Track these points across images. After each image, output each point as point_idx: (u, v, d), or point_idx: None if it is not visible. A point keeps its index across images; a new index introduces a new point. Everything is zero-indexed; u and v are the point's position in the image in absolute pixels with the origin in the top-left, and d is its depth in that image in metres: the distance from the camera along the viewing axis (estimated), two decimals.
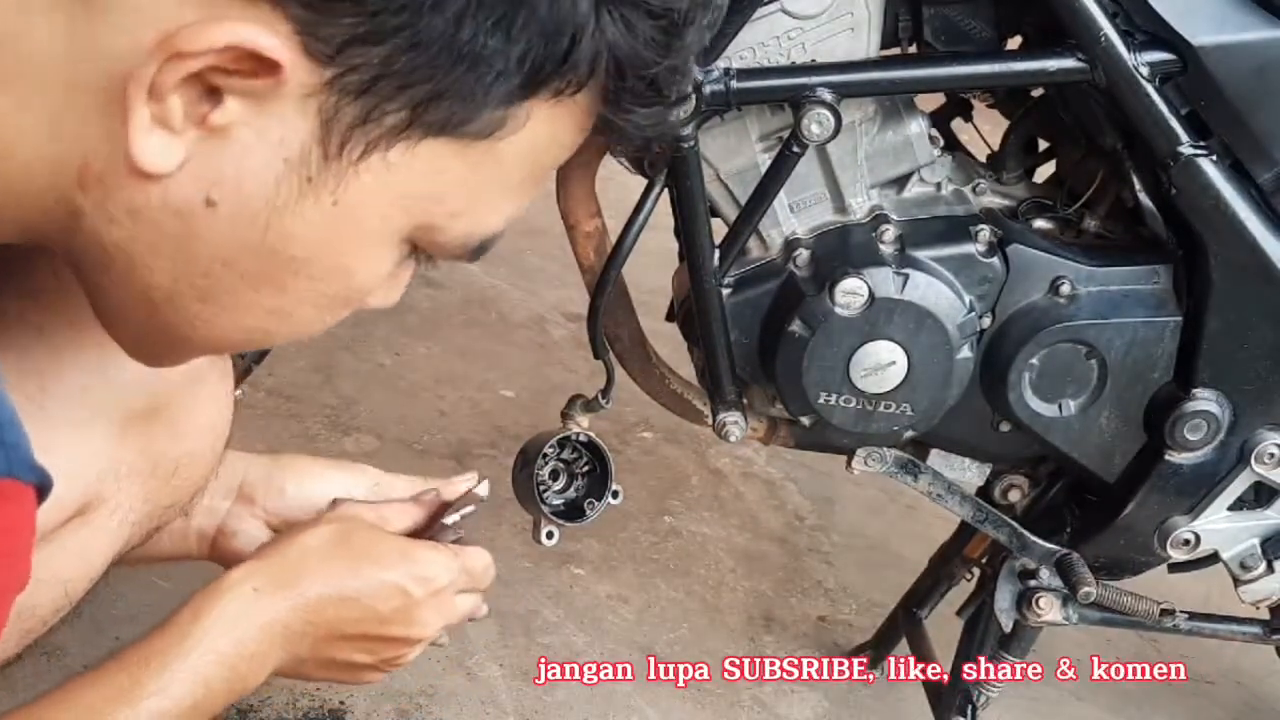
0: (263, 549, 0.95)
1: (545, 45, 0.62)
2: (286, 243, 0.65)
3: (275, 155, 0.62)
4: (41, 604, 0.86)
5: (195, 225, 0.63)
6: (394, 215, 0.66)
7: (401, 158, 0.64)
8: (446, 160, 0.65)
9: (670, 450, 2.17)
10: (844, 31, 1.23)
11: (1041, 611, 1.42)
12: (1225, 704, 1.88)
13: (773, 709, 1.70)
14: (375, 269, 0.69)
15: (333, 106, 0.61)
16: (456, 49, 0.60)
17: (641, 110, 0.67)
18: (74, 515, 0.85)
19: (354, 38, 0.59)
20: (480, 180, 0.67)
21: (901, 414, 1.31)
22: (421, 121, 0.62)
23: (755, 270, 1.31)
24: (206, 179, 0.62)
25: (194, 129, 0.60)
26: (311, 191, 0.63)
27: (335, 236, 0.65)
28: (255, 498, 1.06)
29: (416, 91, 0.61)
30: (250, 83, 0.59)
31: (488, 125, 0.64)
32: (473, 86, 0.62)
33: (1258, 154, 1.24)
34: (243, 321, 0.69)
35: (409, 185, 0.65)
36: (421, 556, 0.98)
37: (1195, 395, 1.31)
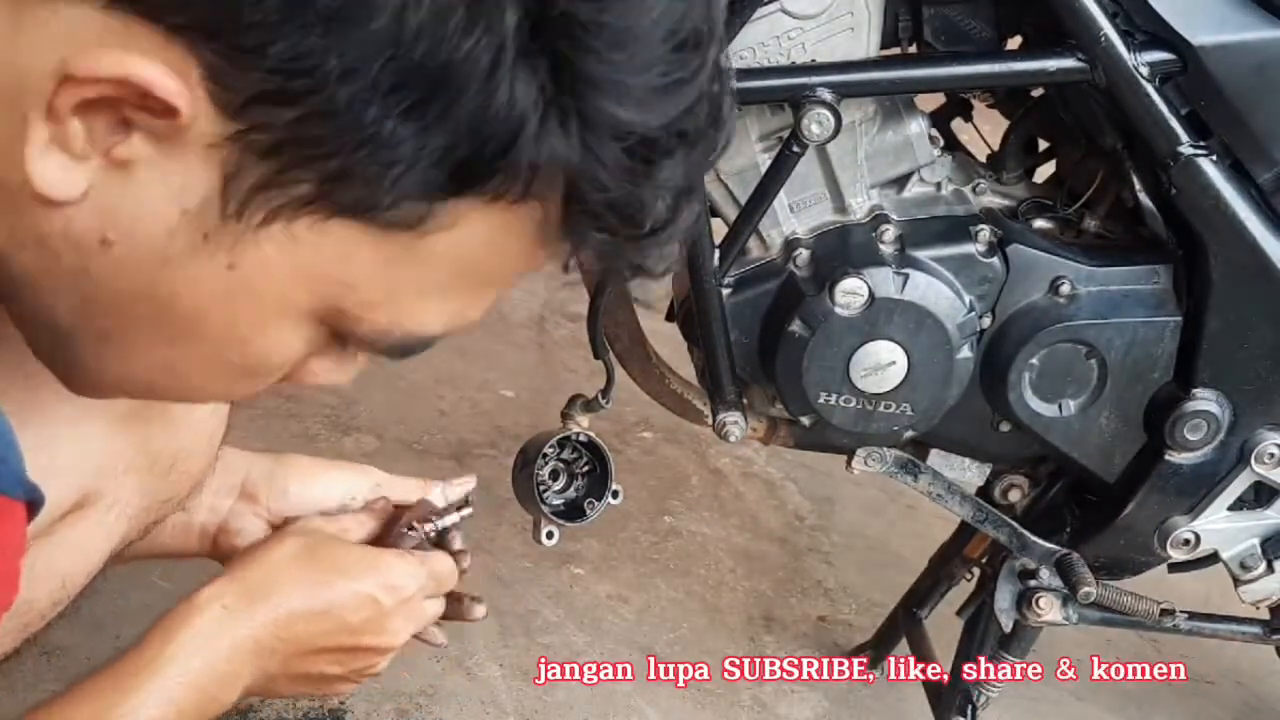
0: (231, 564, 0.94)
1: (470, 143, 0.56)
2: (176, 299, 0.61)
3: (174, 203, 0.58)
4: (39, 598, 0.86)
5: (91, 263, 0.60)
6: (297, 292, 0.61)
7: (308, 233, 0.59)
8: (359, 245, 0.60)
9: (670, 450, 2.17)
10: (844, 31, 1.23)
11: (1041, 611, 1.42)
12: (1225, 704, 1.87)
13: (773, 709, 1.70)
14: (278, 346, 0.64)
15: (236, 163, 0.57)
16: (362, 128, 0.55)
17: (603, 237, 0.61)
18: (71, 510, 0.85)
19: (262, 94, 0.55)
20: (400, 275, 0.61)
21: (901, 414, 1.31)
22: (330, 198, 0.58)
23: (755, 270, 1.31)
24: (106, 216, 0.59)
25: (99, 159, 0.57)
26: (206, 250, 0.59)
27: (229, 302, 0.61)
28: (258, 496, 1.06)
29: (325, 165, 0.57)
30: (155, 122, 0.56)
31: (405, 217, 0.58)
32: (380, 172, 0.57)
33: (1258, 154, 1.24)
34: (137, 371, 0.66)
35: (316, 264, 0.60)
36: (389, 565, 0.98)
37: (1195, 395, 1.31)
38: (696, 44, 0.59)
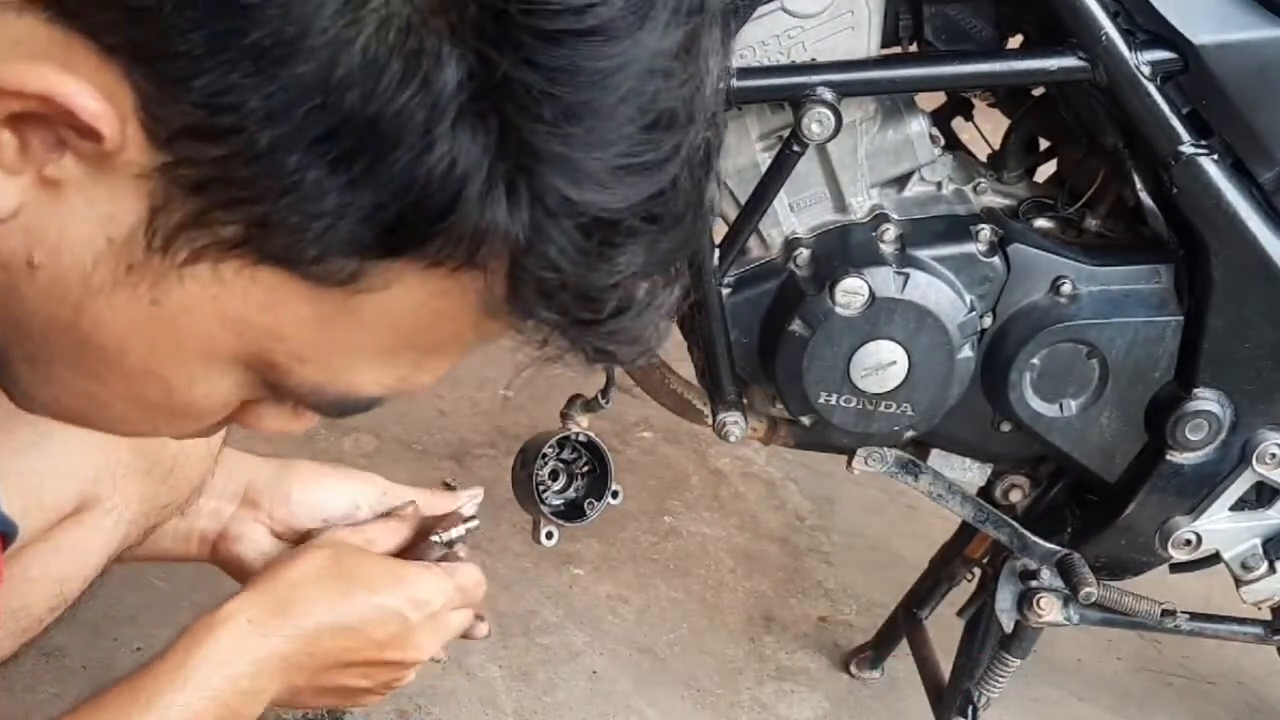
0: (256, 578, 0.94)
1: (401, 203, 0.53)
2: (97, 330, 0.59)
3: (100, 231, 0.56)
4: (37, 603, 0.86)
5: (17, 283, 0.58)
6: (223, 336, 0.59)
7: (236, 277, 0.56)
8: (289, 297, 0.57)
9: (670, 450, 2.17)
10: (844, 30, 1.22)
11: (1042, 612, 1.42)
12: (1226, 704, 1.87)
13: (773, 709, 1.70)
14: (203, 388, 0.62)
15: (163, 196, 0.55)
16: (284, 175, 0.53)
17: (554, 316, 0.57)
18: (69, 515, 0.84)
19: (188, 128, 0.53)
20: (332, 332, 0.59)
21: (902, 414, 1.31)
22: (257, 244, 0.55)
23: (755, 270, 1.31)
24: (33, 236, 0.57)
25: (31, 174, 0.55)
26: (129, 283, 0.57)
27: (151, 339, 0.59)
28: (260, 503, 1.05)
29: (250, 210, 0.54)
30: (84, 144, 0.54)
31: (335, 272, 0.55)
32: (305, 222, 0.54)
33: (1259, 153, 1.24)
34: (62, 398, 0.64)
35: (242, 310, 0.58)
36: (415, 579, 0.97)
37: (1196, 395, 1.31)
38: (671, 125, 0.55)
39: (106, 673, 1.49)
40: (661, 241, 0.57)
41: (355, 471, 1.10)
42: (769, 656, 1.78)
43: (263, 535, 1.06)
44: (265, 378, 0.61)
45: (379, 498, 1.07)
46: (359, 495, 1.07)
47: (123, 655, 1.52)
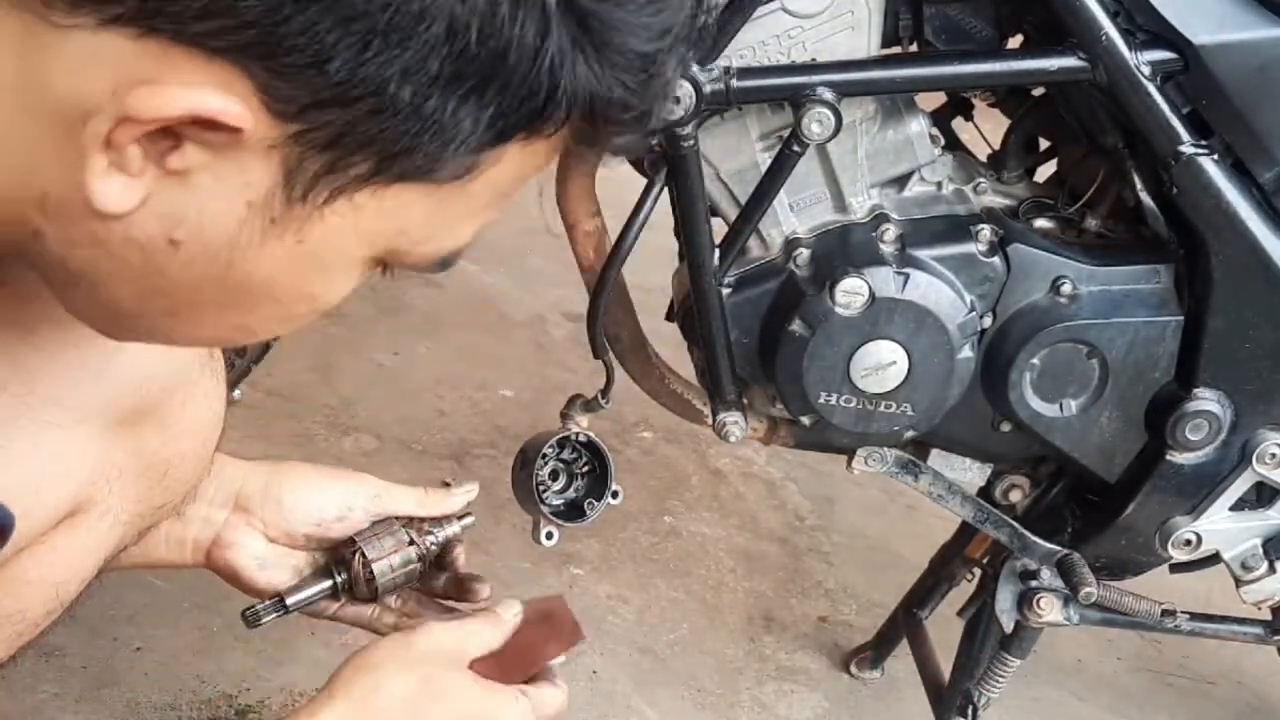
0: (348, 686, 0.94)
1: (519, 106, 0.61)
2: (250, 277, 0.65)
3: (238, 198, 0.61)
4: (32, 606, 0.85)
5: (158, 261, 0.63)
6: (358, 248, 0.66)
7: (369, 200, 0.63)
8: (414, 200, 0.64)
9: (670, 450, 2.17)
10: (844, 30, 1.22)
11: (1042, 612, 1.42)
12: (1226, 704, 1.87)
13: (773, 709, 1.70)
14: (340, 291, 0.69)
15: (296, 158, 0.60)
16: (424, 117, 0.59)
17: (619, 140, 0.68)
18: (65, 517, 0.84)
19: (318, 101, 0.58)
20: (448, 214, 0.67)
21: (902, 414, 1.31)
22: (388, 171, 0.62)
23: (755, 270, 1.31)
24: (169, 219, 0.61)
25: (153, 168, 0.60)
26: (275, 232, 0.63)
27: (300, 270, 0.66)
28: (252, 509, 1.05)
29: (384, 148, 0.60)
30: (210, 135, 0.59)
31: (457, 171, 0.63)
32: (441, 148, 0.61)
33: (1259, 153, 1.24)
34: (208, 334, 0.71)
35: (375, 223, 0.64)
36: (499, 709, 0.97)
37: (1196, 395, 1.31)
38: None
39: (106, 672, 1.49)
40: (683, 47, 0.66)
41: (347, 472, 1.10)
42: (769, 656, 1.78)
43: (256, 541, 1.05)
44: (387, 261, 0.69)
45: (371, 499, 1.07)
46: (351, 497, 1.07)
47: (122, 655, 1.52)
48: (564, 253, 1.38)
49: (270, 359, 1.82)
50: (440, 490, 1.10)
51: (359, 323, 2.31)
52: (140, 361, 0.86)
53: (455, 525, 1.08)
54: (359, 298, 2.54)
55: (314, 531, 1.06)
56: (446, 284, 2.51)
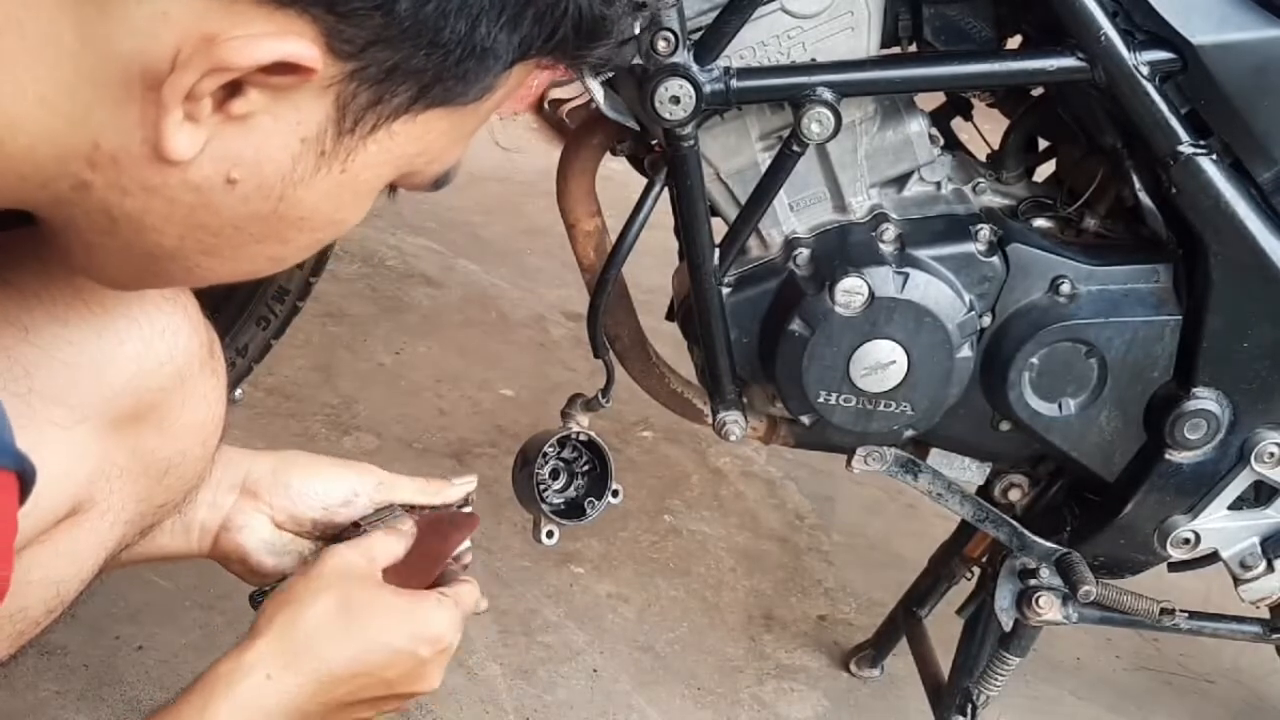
0: (268, 622, 0.94)
1: (540, 29, 0.67)
2: (295, 208, 0.69)
3: (293, 135, 0.66)
4: (33, 605, 0.86)
5: (212, 199, 0.67)
6: (387, 173, 0.71)
7: (404, 127, 0.68)
8: (438, 123, 0.69)
9: (670, 449, 2.17)
10: (844, 30, 1.22)
11: (1041, 610, 1.42)
12: (1225, 703, 1.88)
13: (773, 708, 1.70)
14: (362, 214, 0.74)
15: (350, 94, 0.65)
16: (472, 46, 0.65)
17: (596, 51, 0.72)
18: (65, 517, 0.84)
19: (378, 39, 0.63)
20: (461, 134, 0.72)
21: (901, 413, 1.31)
22: (425, 98, 0.67)
23: (755, 269, 1.31)
24: (228, 160, 0.66)
25: (216, 115, 0.64)
26: (324, 164, 0.68)
27: (339, 197, 0.70)
28: (260, 493, 1.06)
29: (425, 76, 0.66)
30: (276, 79, 0.63)
31: (480, 93, 0.69)
32: (481, 73, 0.67)
33: (1257, 153, 1.24)
34: (241, 268, 0.74)
35: (405, 149, 0.70)
36: (427, 616, 0.98)
37: (1195, 394, 1.31)
38: None
39: (107, 671, 1.50)
40: None
41: (351, 462, 1.11)
42: (769, 655, 1.79)
43: (264, 524, 1.06)
44: (399, 183, 0.74)
45: (376, 486, 1.08)
46: (356, 483, 1.08)
47: (124, 654, 1.53)
48: (564, 253, 1.38)
49: (271, 358, 1.82)
50: (440, 480, 1.11)
51: (360, 322, 2.31)
52: (140, 361, 0.87)
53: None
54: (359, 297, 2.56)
55: (321, 516, 1.07)
56: (446, 283, 2.52)
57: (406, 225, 2.62)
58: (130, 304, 0.86)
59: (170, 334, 0.88)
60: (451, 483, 1.11)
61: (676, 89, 1.17)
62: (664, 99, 1.17)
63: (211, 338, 0.94)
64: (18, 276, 0.82)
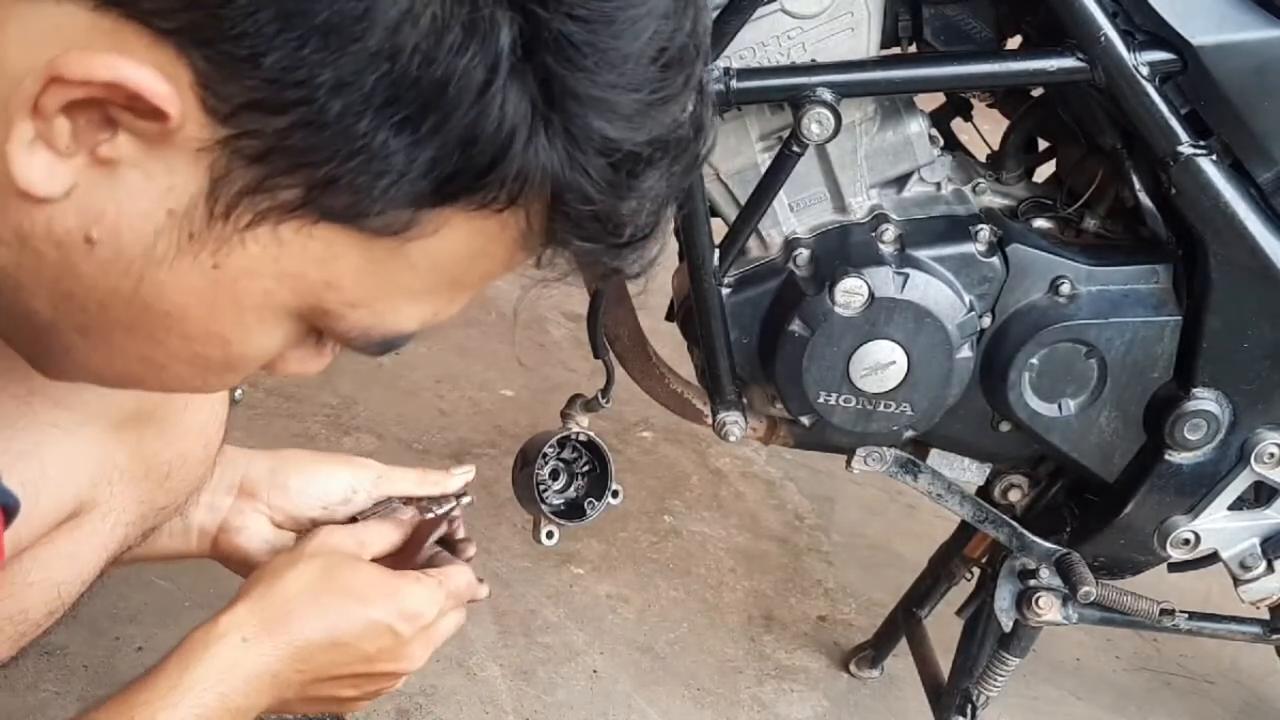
0: (249, 588, 0.93)
1: (459, 156, 0.57)
2: (159, 297, 0.61)
3: (160, 204, 0.59)
4: (34, 607, 0.86)
5: (74, 260, 0.60)
6: (280, 292, 0.62)
7: (295, 236, 0.60)
8: (344, 249, 0.60)
9: (670, 450, 2.17)
10: (844, 31, 1.23)
11: (1041, 611, 1.42)
12: (1225, 703, 1.88)
13: (773, 708, 1.70)
14: (257, 342, 0.65)
15: (224, 167, 0.58)
16: (354, 139, 0.56)
17: (586, 245, 0.63)
18: (66, 519, 0.84)
19: (252, 102, 0.56)
20: (383, 278, 0.62)
21: (901, 413, 1.31)
22: (317, 204, 0.59)
23: (755, 270, 1.31)
24: (89, 214, 0.59)
25: (84, 156, 0.58)
26: (191, 250, 0.60)
27: (212, 301, 0.62)
28: (258, 493, 1.06)
29: (312, 173, 0.57)
30: (142, 123, 0.57)
31: (391, 224, 0.59)
32: (370, 181, 0.58)
33: (1257, 153, 1.24)
34: (116, 364, 0.66)
35: (300, 265, 0.61)
36: (407, 592, 0.97)
37: (1195, 395, 1.31)
38: (682, 61, 0.60)
39: (108, 671, 1.50)
40: (675, 167, 0.62)
41: (349, 458, 1.11)
42: (769, 655, 1.79)
43: (263, 525, 1.06)
44: (315, 324, 0.65)
45: (374, 481, 1.08)
46: (355, 479, 1.08)
47: (124, 654, 1.52)
48: None
49: None
50: (439, 471, 1.11)
51: None
52: None
53: (454, 504, 1.09)
54: None
55: (320, 515, 1.07)
56: None
57: None
58: None
59: None
60: (450, 473, 1.11)
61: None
62: None
63: None
64: None
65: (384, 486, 1.08)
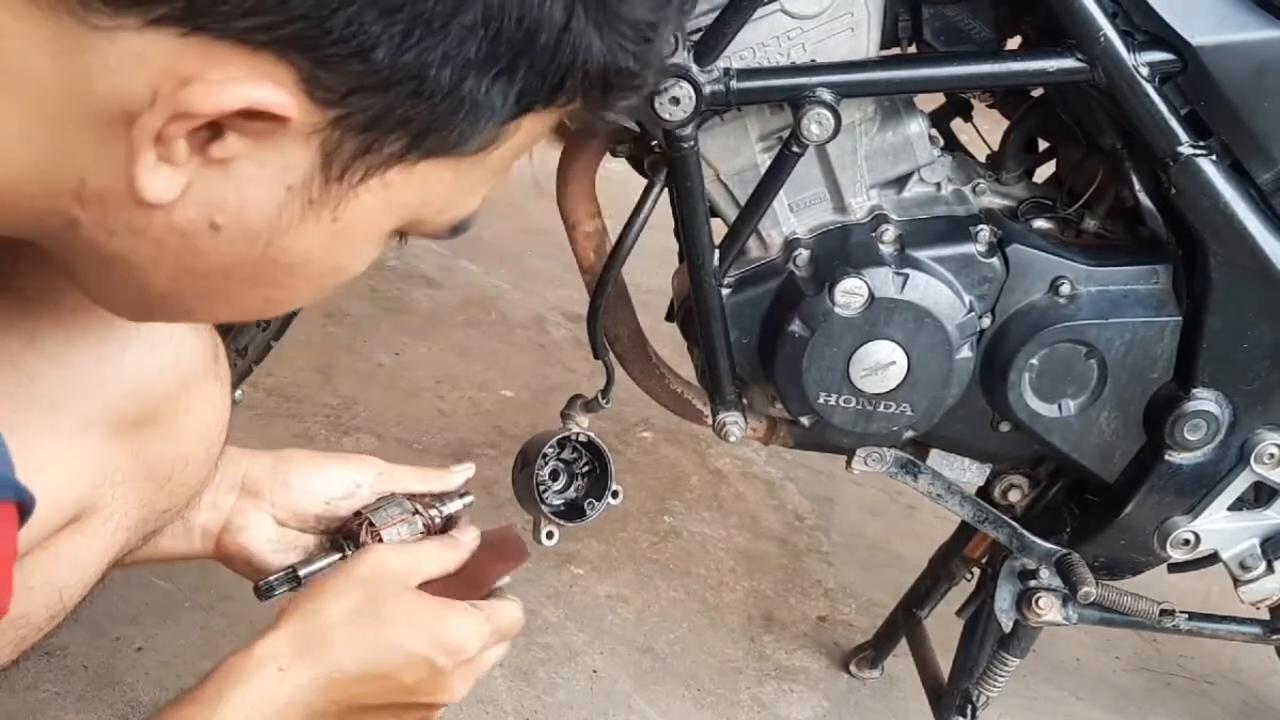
0: (290, 614, 0.93)
1: (543, 83, 0.64)
2: (285, 255, 0.67)
3: (278, 182, 0.64)
4: (35, 611, 0.86)
5: (198, 244, 0.65)
6: (387, 222, 0.69)
7: (398, 177, 0.66)
8: (440, 174, 0.67)
9: (670, 450, 2.17)
10: (844, 31, 1.23)
11: (1041, 611, 1.42)
12: (1225, 704, 1.88)
13: (772, 709, 1.70)
14: (365, 261, 0.72)
15: (335, 141, 0.63)
16: (459, 98, 0.62)
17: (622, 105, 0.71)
18: (68, 522, 0.84)
19: (359, 87, 0.61)
20: (467, 184, 0.70)
21: (901, 414, 1.31)
22: (420, 148, 0.65)
23: (755, 270, 1.31)
24: (210, 204, 0.64)
25: (196, 158, 0.62)
26: (313, 213, 0.66)
27: (333, 245, 0.68)
28: (261, 492, 1.06)
29: (415, 126, 0.63)
30: (254, 124, 0.61)
31: (482, 144, 0.66)
32: (471, 124, 0.64)
33: (1257, 154, 1.24)
34: (240, 310, 0.73)
35: (404, 197, 0.67)
36: (451, 626, 0.96)
37: (1195, 395, 1.31)
38: None
39: (107, 672, 1.50)
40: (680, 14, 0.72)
41: (350, 455, 1.11)
42: (769, 656, 1.79)
43: (266, 523, 1.06)
44: (408, 231, 0.72)
45: (376, 476, 1.08)
46: (357, 475, 1.08)
47: (124, 654, 1.53)
48: (564, 253, 1.38)
49: (271, 359, 1.82)
50: (439, 469, 1.12)
51: (360, 323, 2.31)
52: (143, 367, 0.87)
53: (458, 502, 1.10)
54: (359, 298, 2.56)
55: (323, 511, 1.06)
56: (446, 284, 2.52)
57: None
58: None
59: (174, 340, 0.88)
60: (450, 470, 1.12)
61: (676, 90, 1.17)
62: (664, 100, 1.17)
63: (216, 342, 0.94)
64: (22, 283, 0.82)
65: (385, 483, 1.08)
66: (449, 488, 1.10)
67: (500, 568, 1.05)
